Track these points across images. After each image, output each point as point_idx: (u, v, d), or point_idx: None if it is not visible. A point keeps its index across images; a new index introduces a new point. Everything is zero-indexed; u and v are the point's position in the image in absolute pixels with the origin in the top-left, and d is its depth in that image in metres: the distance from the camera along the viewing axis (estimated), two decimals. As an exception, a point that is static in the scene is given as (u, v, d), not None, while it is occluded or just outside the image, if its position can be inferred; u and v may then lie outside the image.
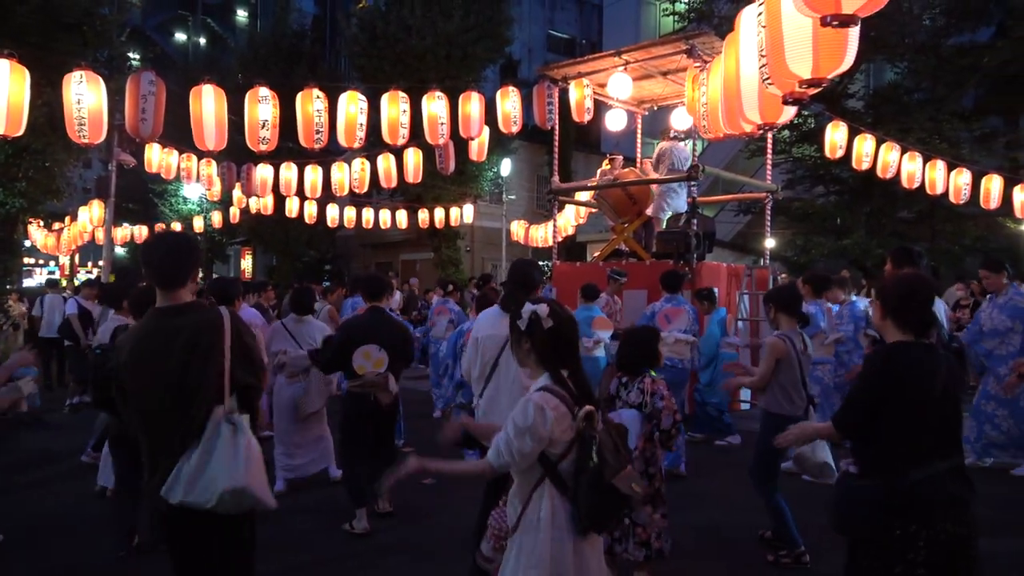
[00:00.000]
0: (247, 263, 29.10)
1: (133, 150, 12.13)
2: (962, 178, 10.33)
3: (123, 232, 20.30)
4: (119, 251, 25.75)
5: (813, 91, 3.27)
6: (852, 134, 9.80)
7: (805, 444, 3.54)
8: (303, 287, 6.86)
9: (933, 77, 15.44)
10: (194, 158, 11.89)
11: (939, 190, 10.28)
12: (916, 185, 10.19)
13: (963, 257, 15.20)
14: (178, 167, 11.85)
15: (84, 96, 6.66)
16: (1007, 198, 10.62)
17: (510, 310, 3.55)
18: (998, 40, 14.68)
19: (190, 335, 2.53)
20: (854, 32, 2.90)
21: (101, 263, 13.19)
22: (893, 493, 2.36)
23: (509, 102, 8.86)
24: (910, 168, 10.01)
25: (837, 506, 2.53)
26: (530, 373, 2.45)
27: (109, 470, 5.18)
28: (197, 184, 14.42)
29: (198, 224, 21.01)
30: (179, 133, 9.54)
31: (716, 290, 7.73)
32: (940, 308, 10.15)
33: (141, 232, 20.04)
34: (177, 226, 19.94)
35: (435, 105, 8.40)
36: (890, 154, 9.89)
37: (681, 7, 18.42)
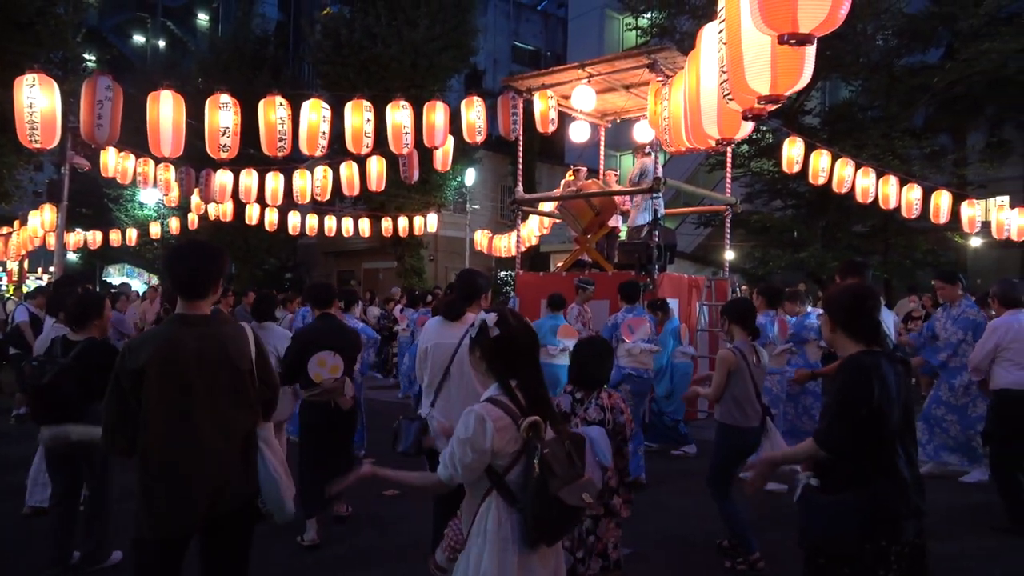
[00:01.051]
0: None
1: (87, 153, 11.82)
2: (913, 193, 10.64)
3: (76, 238, 19.74)
4: (71, 257, 25.06)
5: (771, 107, 3.35)
6: (808, 150, 10.03)
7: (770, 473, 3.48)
8: (264, 293, 6.75)
9: (886, 95, 15.93)
10: (151, 163, 11.62)
11: (892, 205, 10.57)
12: (870, 200, 10.46)
13: (915, 270, 15.66)
14: (134, 172, 11.58)
15: (36, 100, 6.49)
16: (955, 213, 10.98)
17: (452, 318, 3.66)
18: (946, 61, 15.22)
19: (232, 346, 2.58)
20: (810, 51, 2.98)
21: (52, 269, 12.79)
22: (869, 508, 2.33)
23: (474, 112, 8.87)
24: (864, 183, 10.28)
25: (810, 523, 2.45)
26: (483, 381, 2.46)
27: (39, 489, 4.99)
28: (154, 189, 14.11)
29: (154, 230, 20.57)
30: (136, 136, 9.32)
31: (667, 300, 7.84)
32: (889, 319, 10.50)
33: (95, 238, 19.52)
34: (133, 232, 19.44)
35: (399, 114, 8.37)
36: (845, 169, 10.15)
37: (644, 22, 18.69)
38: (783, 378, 6.59)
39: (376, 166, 10.83)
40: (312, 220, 16.09)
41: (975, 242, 15.80)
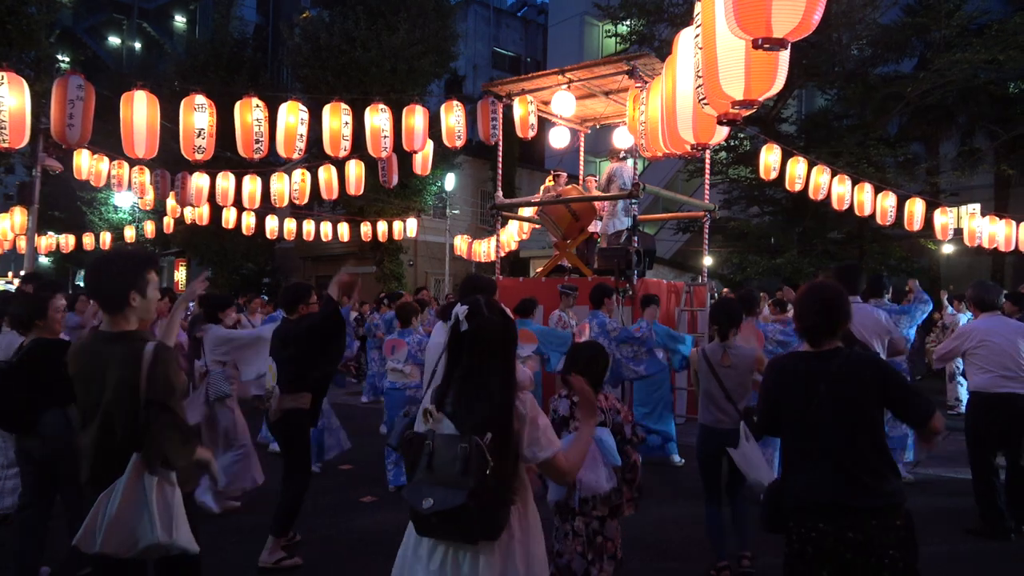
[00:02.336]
0: (181, 275, 28.22)
1: (60, 155, 11.63)
2: (888, 201, 10.78)
3: (48, 241, 19.44)
4: (43, 260, 24.67)
5: (746, 112, 3.38)
6: (785, 157, 10.13)
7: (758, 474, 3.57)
8: (211, 295, 6.57)
9: (861, 104, 16.17)
10: (126, 165, 11.47)
11: (867, 212, 10.69)
12: (845, 207, 10.58)
13: (889, 276, 15.85)
14: (108, 174, 11.41)
15: (5, 98, 6.36)
16: (928, 221, 11.14)
17: (446, 319, 3.58)
18: (920, 71, 15.47)
19: (114, 368, 2.42)
20: (784, 56, 3.01)
21: (23, 273, 12.56)
22: (776, 491, 2.58)
23: (453, 116, 8.85)
24: (839, 190, 10.39)
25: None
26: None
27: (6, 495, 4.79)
28: (129, 192, 13.93)
29: (129, 234, 20.30)
30: (111, 139, 9.20)
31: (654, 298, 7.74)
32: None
33: (68, 241, 19.22)
34: (107, 236, 19.14)
35: (378, 117, 8.32)
36: (821, 177, 10.26)
37: (623, 29, 18.81)
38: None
39: (355, 170, 10.77)
40: (290, 224, 15.97)
41: (947, 249, 16.05)
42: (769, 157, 10.06)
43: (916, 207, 10.86)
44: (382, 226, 16.33)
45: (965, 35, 14.83)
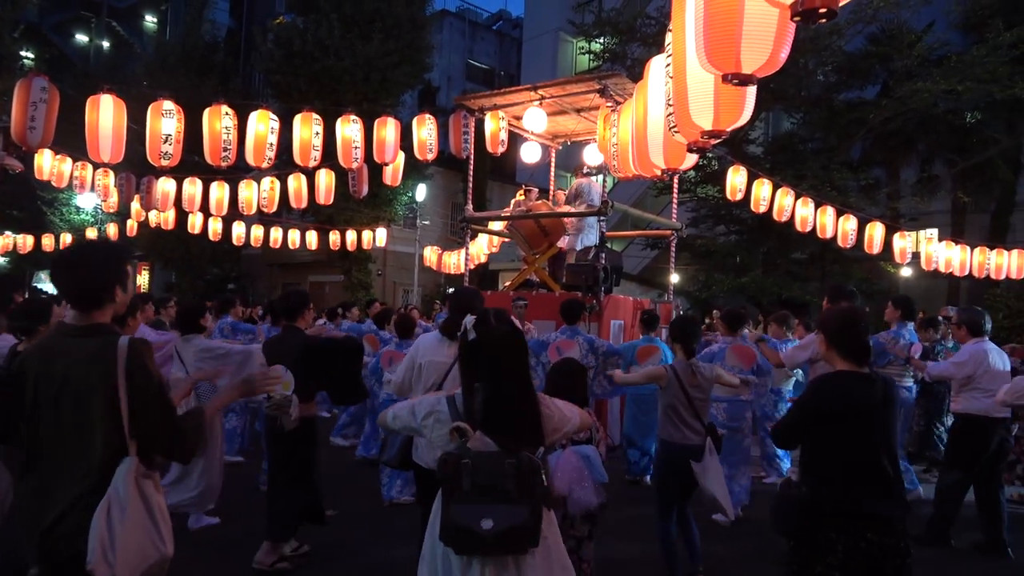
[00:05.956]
0: (143, 279, 27.67)
1: (21, 154, 11.35)
2: (849, 224, 11.03)
3: (4, 241, 18.93)
4: (-1, 261, 24.00)
5: (715, 141, 3.46)
6: (751, 178, 10.32)
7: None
8: (188, 303, 6.57)
9: (825, 128, 16.56)
10: (89, 167, 11.21)
11: (829, 234, 10.92)
12: (808, 229, 10.80)
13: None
14: (71, 175, 11.14)
15: (-34, 97, 6.21)
16: (888, 244, 11.42)
17: (452, 336, 3.62)
18: (882, 98, 15.92)
19: (84, 366, 2.11)
20: (752, 89, 3.09)
21: None
22: (815, 503, 2.65)
23: (425, 129, 8.85)
24: (803, 213, 10.61)
25: (774, 509, 2.81)
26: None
27: None
28: (91, 194, 13.62)
29: (91, 236, 19.85)
30: (75, 139, 9.01)
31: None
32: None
33: (26, 241, 18.73)
34: (67, 237, 18.70)
35: (349, 128, 8.27)
36: (785, 199, 10.47)
37: (597, 47, 19.03)
38: (731, 406, 6.08)
39: (325, 179, 10.69)
40: (257, 231, 15.74)
41: (906, 272, 16.45)
42: (736, 178, 10.25)
43: (876, 231, 11.12)
44: (351, 235, 16.22)
45: (926, 65, 15.32)
